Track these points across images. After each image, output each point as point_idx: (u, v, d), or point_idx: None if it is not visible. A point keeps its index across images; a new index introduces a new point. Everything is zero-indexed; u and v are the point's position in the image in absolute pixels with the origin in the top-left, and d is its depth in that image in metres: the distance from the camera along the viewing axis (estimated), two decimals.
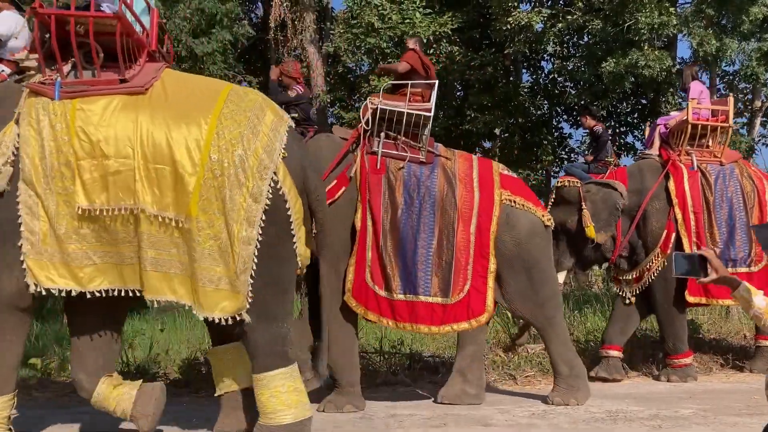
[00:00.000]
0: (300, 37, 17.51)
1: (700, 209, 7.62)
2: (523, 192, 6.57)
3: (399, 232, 6.08)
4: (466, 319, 6.08)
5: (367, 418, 5.86)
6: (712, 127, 7.93)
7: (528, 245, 6.32)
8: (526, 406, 6.28)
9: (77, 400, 6.57)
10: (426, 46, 14.40)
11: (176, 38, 12.08)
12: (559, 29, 13.18)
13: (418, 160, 6.32)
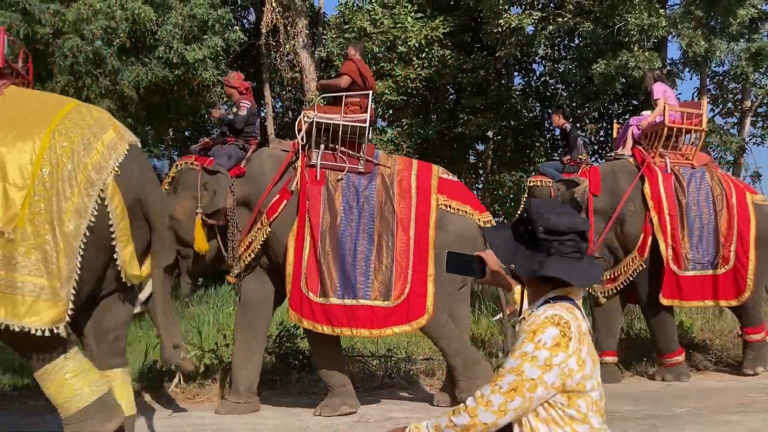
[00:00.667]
0: (292, 42, 17.55)
1: (674, 212, 7.63)
2: (460, 196, 6.62)
3: (338, 239, 6.20)
4: (407, 321, 6.15)
5: (363, 421, 5.88)
6: (686, 129, 8.00)
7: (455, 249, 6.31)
8: None
9: None
10: (418, 50, 14.48)
11: (168, 45, 12.10)
12: (549, 32, 13.24)
13: (356, 170, 6.46)
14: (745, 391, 6.81)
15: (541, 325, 1.82)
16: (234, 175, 6.43)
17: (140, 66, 12.23)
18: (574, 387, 1.81)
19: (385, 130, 15.93)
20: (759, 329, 7.89)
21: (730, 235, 7.65)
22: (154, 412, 6.51)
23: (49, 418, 6.18)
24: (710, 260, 7.66)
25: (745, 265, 7.63)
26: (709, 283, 7.66)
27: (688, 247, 7.59)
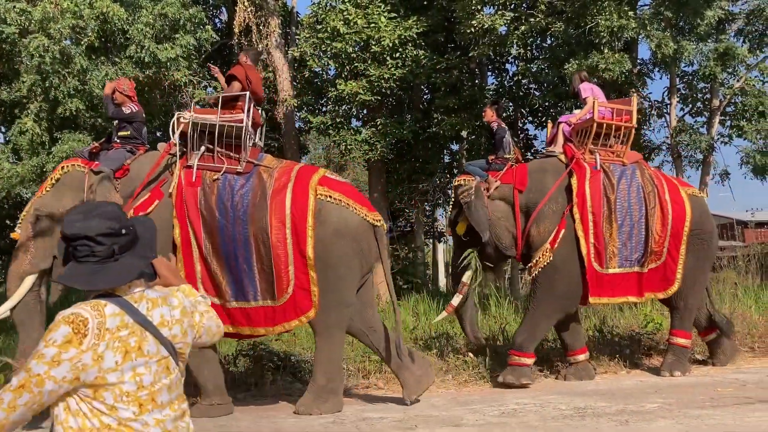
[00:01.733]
0: (265, 42, 17.42)
1: (599, 209, 7.51)
2: (344, 190, 6.55)
3: (220, 243, 6.20)
4: (296, 317, 6.21)
5: (339, 422, 5.86)
6: (615, 126, 7.94)
7: (331, 245, 6.29)
8: (496, 405, 6.34)
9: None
10: (392, 50, 14.47)
11: (139, 44, 11.95)
12: (522, 32, 13.33)
13: (234, 170, 6.41)
14: (714, 386, 6.92)
15: (56, 323, 1.90)
16: (119, 176, 6.44)
17: (110, 65, 12.06)
18: (94, 381, 1.89)
19: (360, 130, 15.91)
20: (687, 335, 7.86)
21: (663, 233, 7.57)
22: None
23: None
24: (638, 258, 7.56)
25: (676, 260, 7.60)
26: (635, 280, 7.58)
27: (616, 245, 7.49)
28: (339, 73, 15.52)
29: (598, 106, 7.84)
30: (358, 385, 7.64)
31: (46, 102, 11.70)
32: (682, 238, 7.64)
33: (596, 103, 7.85)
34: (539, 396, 6.79)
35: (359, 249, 6.45)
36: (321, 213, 6.30)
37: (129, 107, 6.87)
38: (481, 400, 6.72)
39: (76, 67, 11.46)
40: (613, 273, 7.53)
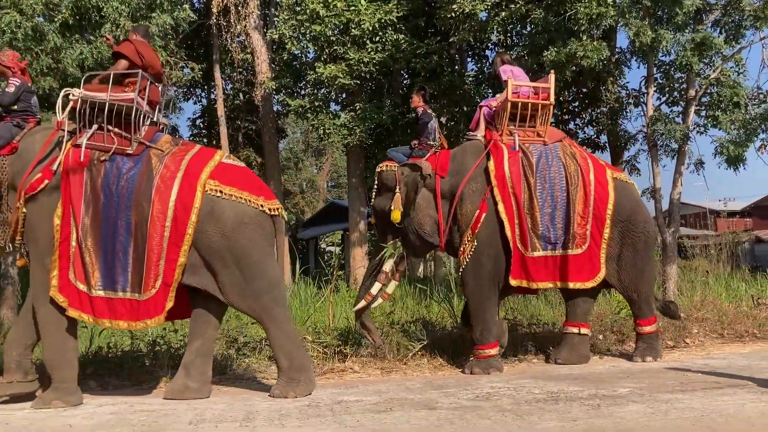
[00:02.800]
0: (244, 23, 17.26)
1: (520, 191, 7.39)
2: (237, 181, 6.33)
3: (99, 226, 5.98)
4: (158, 314, 5.98)
5: (314, 405, 5.87)
6: (532, 105, 7.67)
7: (235, 236, 6.13)
8: (471, 389, 6.39)
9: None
10: (372, 34, 14.39)
11: (114, 22, 11.72)
12: (502, 18, 13.33)
13: (124, 151, 6.20)
14: (684, 371, 7.04)
15: None
16: (6, 153, 6.17)
17: (85, 44, 11.82)
18: None
19: (339, 115, 15.84)
20: (650, 321, 7.80)
21: (586, 214, 7.40)
22: (99, 398, 6.38)
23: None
24: (563, 240, 7.41)
25: (599, 244, 7.44)
26: (561, 264, 7.41)
27: (539, 227, 7.38)
28: (318, 56, 15.41)
29: (513, 85, 7.65)
30: (334, 368, 7.65)
31: None
32: (605, 222, 7.46)
33: (510, 83, 7.65)
34: (513, 380, 6.86)
35: (265, 233, 6.31)
36: (214, 210, 6.11)
37: (12, 83, 6.42)
38: (456, 384, 6.77)
39: (50, 45, 11.22)
40: (537, 256, 7.39)
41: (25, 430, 5.23)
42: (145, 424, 5.30)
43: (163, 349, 7.88)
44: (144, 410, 5.81)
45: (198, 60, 18.89)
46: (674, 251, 12.47)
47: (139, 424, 5.31)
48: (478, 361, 7.38)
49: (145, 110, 6.47)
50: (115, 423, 5.36)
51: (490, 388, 6.45)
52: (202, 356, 6.43)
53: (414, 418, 5.26)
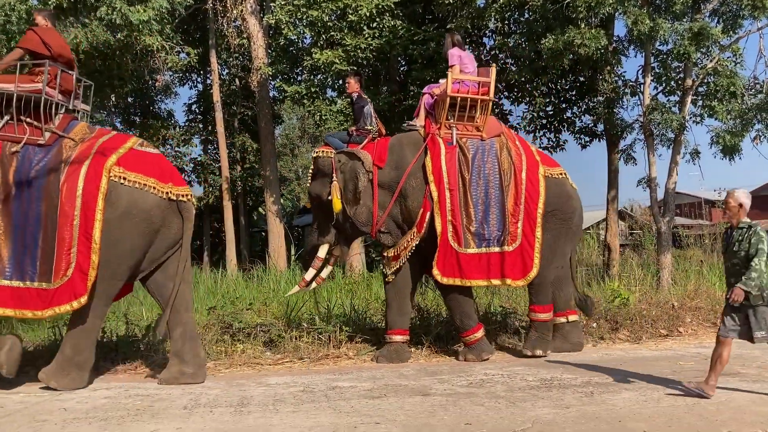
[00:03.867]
0: (240, 8, 17.13)
1: (456, 186, 7.30)
2: (144, 168, 6.33)
3: (11, 217, 6.00)
4: (68, 301, 5.95)
5: (309, 391, 5.89)
6: (471, 99, 7.51)
7: (115, 224, 6.11)
8: (464, 376, 6.42)
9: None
10: (369, 20, 14.31)
11: (110, 5, 11.64)
12: (500, 5, 13.24)
13: (36, 142, 6.23)
14: (676, 359, 7.08)
15: None
16: None
17: (80, 27, 11.73)
18: None
19: (335, 101, 15.77)
20: (545, 309, 7.58)
21: (516, 212, 7.33)
22: (93, 384, 6.39)
23: None
24: (497, 237, 7.33)
25: (532, 243, 7.32)
26: (496, 261, 7.30)
27: (473, 224, 7.28)
28: (315, 42, 15.33)
29: (453, 78, 7.50)
30: (329, 354, 7.68)
31: None
32: (536, 221, 7.36)
33: (450, 76, 7.51)
34: (507, 367, 6.89)
35: (150, 229, 6.29)
36: (112, 195, 6.12)
37: None
38: (450, 370, 6.80)
39: None
40: (471, 253, 7.31)
41: (20, 413, 5.24)
42: (140, 408, 5.31)
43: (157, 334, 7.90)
44: (139, 395, 5.83)
45: (194, 45, 18.79)
46: (669, 241, 12.49)
47: (134, 408, 5.32)
48: (469, 348, 7.39)
49: (57, 99, 6.49)
50: (110, 407, 5.37)
51: (484, 374, 6.48)
52: (189, 341, 6.46)
53: (408, 404, 5.29)
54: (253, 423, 4.83)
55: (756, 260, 5.19)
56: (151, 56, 14.09)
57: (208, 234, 25.27)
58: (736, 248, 5.37)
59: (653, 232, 11.86)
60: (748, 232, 5.35)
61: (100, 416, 5.06)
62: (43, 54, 6.41)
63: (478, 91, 7.61)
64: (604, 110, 13.97)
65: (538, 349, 7.45)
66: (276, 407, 5.28)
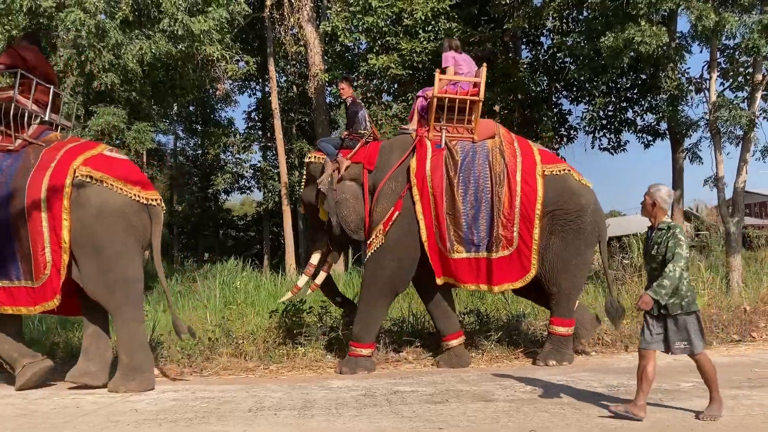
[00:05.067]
0: (297, 15, 17.36)
1: (441, 190, 7.10)
2: (113, 170, 6.43)
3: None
4: (51, 297, 6.24)
5: (370, 395, 5.90)
6: (460, 100, 7.33)
7: (95, 226, 6.24)
8: (527, 382, 6.32)
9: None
10: (424, 23, 14.32)
11: (172, 17, 11.98)
12: (558, 4, 13.05)
13: (5, 148, 6.50)
14: (751, 366, 6.81)
15: None
16: None
17: (144, 39, 12.12)
18: None
19: (391, 105, 15.82)
20: (565, 323, 7.28)
21: (511, 216, 7.06)
22: (162, 385, 6.56)
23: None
24: (486, 243, 7.09)
25: (530, 246, 7.09)
26: (484, 267, 7.10)
27: (460, 228, 7.07)
28: (370, 48, 15.42)
29: (442, 79, 7.37)
30: (388, 358, 7.69)
31: (81, 76, 11.84)
32: (533, 222, 7.08)
33: (437, 77, 7.36)
34: (570, 373, 6.75)
35: (129, 225, 6.37)
36: (80, 195, 6.25)
37: None
38: (512, 376, 6.71)
39: (111, 41, 11.56)
40: (458, 258, 7.11)
41: (95, 414, 5.43)
42: (206, 411, 5.43)
43: (221, 337, 8.07)
44: (205, 397, 5.96)
45: (252, 53, 19.18)
46: (738, 242, 12.03)
47: (201, 410, 5.44)
48: (348, 359, 7.20)
49: (30, 109, 6.77)
50: (178, 409, 5.51)
51: (547, 380, 6.37)
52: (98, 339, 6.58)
53: (470, 410, 5.24)
54: (317, 426, 4.87)
55: (671, 266, 4.74)
56: (212, 66, 14.46)
57: (268, 238, 25.69)
58: (654, 251, 4.93)
59: (721, 233, 11.42)
60: (666, 234, 4.89)
61: (169, 418, 5.20)
62: (18, 66, 6.73)
63: (467, 92, 7.45)
64: (668, 108, 13.57)
65: (552, 359, 7.20)
66: (339, 411, 5.31)
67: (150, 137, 13.27)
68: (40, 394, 6.30)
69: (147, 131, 12.55)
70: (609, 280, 7.79)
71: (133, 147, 12.34)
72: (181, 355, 7.76)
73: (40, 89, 6.87)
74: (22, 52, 6.89)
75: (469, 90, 7.44)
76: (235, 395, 6.03)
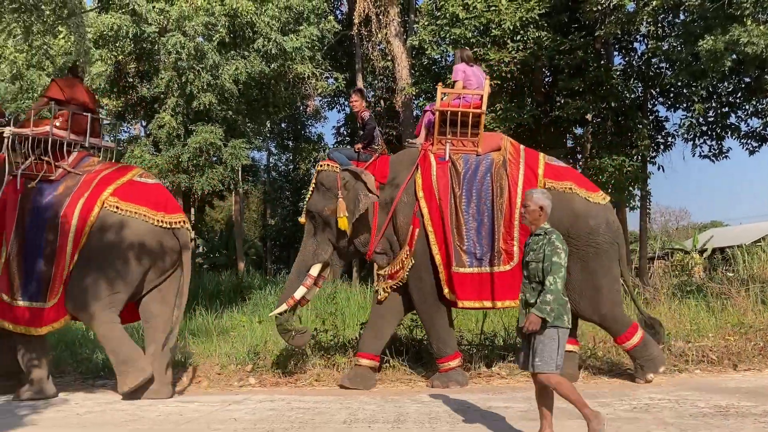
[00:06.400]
0: (384, 31, 17.59)
1: (447, 203, 7.04)
2: (138, 197, 6.92)
3: (26, 245, 6.78)
4: (63, 317, 6.79)
5: (463, 409, 5.85)
6: (462, 113, 7.30)
7: (109, 251, 6.75)
8: (627, 400, 6.08)
9: (185, 388, 6.91)
10: (512, 33, 14.18)
11: (266, 36, 12.41)
12: (653, 8, 12.59)
13: (47, 177, 7.06)
14: None
15: None
16: None
17: (240, 59, 12.60)
18: None
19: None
20: (630, 332, 6.95)
21: (511, 229, 6.91)
22: (258, 394, 6.74)
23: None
24: (489, 257, 6.94)
25: None
26: (487, 283, 6.92)
27: (464, 242, 6.96)
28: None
29: (443, 92, 7.40)
30: (480, 373, 7.59)
31: (181, 97, 12.43)
32: None
33: (439, 90, 7.38)
34: (674, 391, 6.44)
35: (143, 252, 6.82)
36: (105, 224, 6.79)
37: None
38: (611, 393, 6.47)
39: (209, 63, 12.08)
40: (463, 273, 6.94)
41: (196, 421, 5.64)
42: (302, 421, 5.53)
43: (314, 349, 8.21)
44: (300, 408, 6.08)
45: (341, 70, 19.56)
46: None
47: (297, 420, 5.55)
48: (439, 375, 7.11)
49: (69, 138, 7.33)
50: (275, 419, 5.64)
51: (649, 399, 6.10)
52: (158, 359, 6.81)
53: (567, 428, 5.08)
54: None
55: (551, 279, 4.39)
56: (303, 83, 14.84)
57: None
58: (530, 258, 4.58)
59: None
60: (543, 239, 4.54)
61: (266, 427, 5.33)
62: (59, 99, 7.34)
63: (470, 105, 7.40)
64: None
65: (650, 372, 6.92)
66: (432, 425, 5.28)
67: (245, 154, 13.75)
68: (145, 401, 6.60)
69: (242, 148, 13.01)
70: (633, 295, 7.57)
71: (229, 163, 12.80)
72: (276, 366, 7.94)
73: (77, 118, 7.43)
74: (60, 86, 7.53)
75: (472, 103, 7.43)
76: (329, 406, 6.11)
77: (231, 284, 17.26)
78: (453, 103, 7.48)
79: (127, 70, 13.74)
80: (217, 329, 10.40)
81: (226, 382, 7.64)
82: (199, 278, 18.82)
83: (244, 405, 6.29)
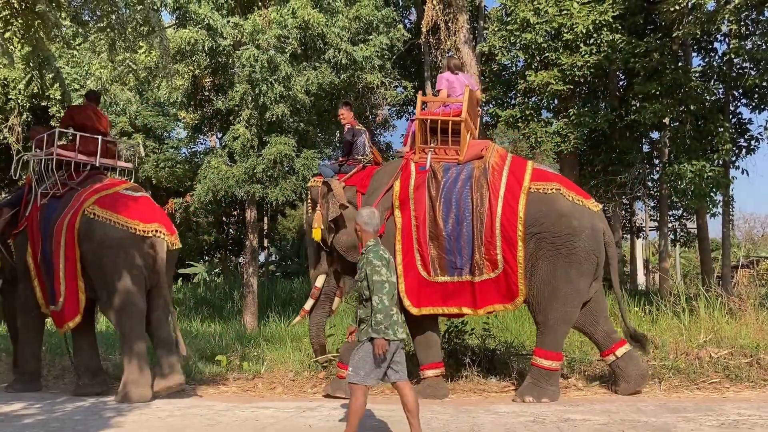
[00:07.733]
0: (453, 38, 17.54)
1: (423, 213, 6.89)
2: (117, 206, 7.32)
3: (44, 257, 7.49)
4: (69, 320, 7.31)
5: (539, 421, 5.72)
6: (442, 121, 7.20)
7: (102, 256, 7.19)
8: (713, 415, 5.81)
9: (260, 394, 7.06)
10: (585, 37, 13.90)
11: (336, 47, 12.57)
12: (735, 6, 12.09)
13: (56, 194, 7.73)
14: None
15: None
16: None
17: (311, 70, 12.80)
18: None
19: (551, 122, 15.45)
20: (548, 355, 6.70)
21: (493, 238, 6.71)
22: (333, 402, 6.79)
23: (240, 404, 6.65)
24: (468, 266, 6.76)
25: (515, 268, 6.67)
26: (468, 290, 6.78)
27: (443, 251, 6.80)
28: (528, 64, 15.20)
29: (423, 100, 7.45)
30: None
31: (255, 109, 12.70)
32: (516, 244, 6.68)
33: (419, 98, 7.38)
34: (765, 407, 6.11)
35: (130, 256, 7.20)
36: (89, 230, 7.26)
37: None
38: (695, 408, 6.20)
39: (282, 74, 12.32)
40: (443, 281, 6.79)
41: (272, 427, 5.73)
42: (378, 429, 5.53)
43: None
44: (374, 416, 6.08)
45: (410, 79, 19.60)
46: None
47: (371, 427, 5.56)
48: (422, 383, 7.02)
49: (77, 159, 7.94)
50: None
51: (738, 415, 5.81)
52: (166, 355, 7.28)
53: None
54: None
55: (376, 299, 4.48)
56: (372, 93, 14.94)
57: None
58: (357, 277, 4.66)
59: None
60: (363, 259, 4.61)
61: None
62: (70, 125, 8.04)
63: (449, 113, 7.29)
64: None
65: (528, 395, 6.63)
66: None
67: (317, 164, 13.93)
68: (223, 406, 6.76)
69: (314, 158, 13.19)
70: (622, 308, 7.39)
71: (301, 173, 13.00)
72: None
73: (86, 141, 7.98)
74: (72, 113, 8.26)
75: (453, 111, 7.36)
76: (403, 415, 6.08)
77: (303, 292, 17.51)
78: (435, 112, 7.52)
79: (203, 84, 14.17)
80: (290, 336, 10.55)
81: (300, 389, 7.73)
82: (273, 286, 19.20)
83: (318, 412, 6.35)
